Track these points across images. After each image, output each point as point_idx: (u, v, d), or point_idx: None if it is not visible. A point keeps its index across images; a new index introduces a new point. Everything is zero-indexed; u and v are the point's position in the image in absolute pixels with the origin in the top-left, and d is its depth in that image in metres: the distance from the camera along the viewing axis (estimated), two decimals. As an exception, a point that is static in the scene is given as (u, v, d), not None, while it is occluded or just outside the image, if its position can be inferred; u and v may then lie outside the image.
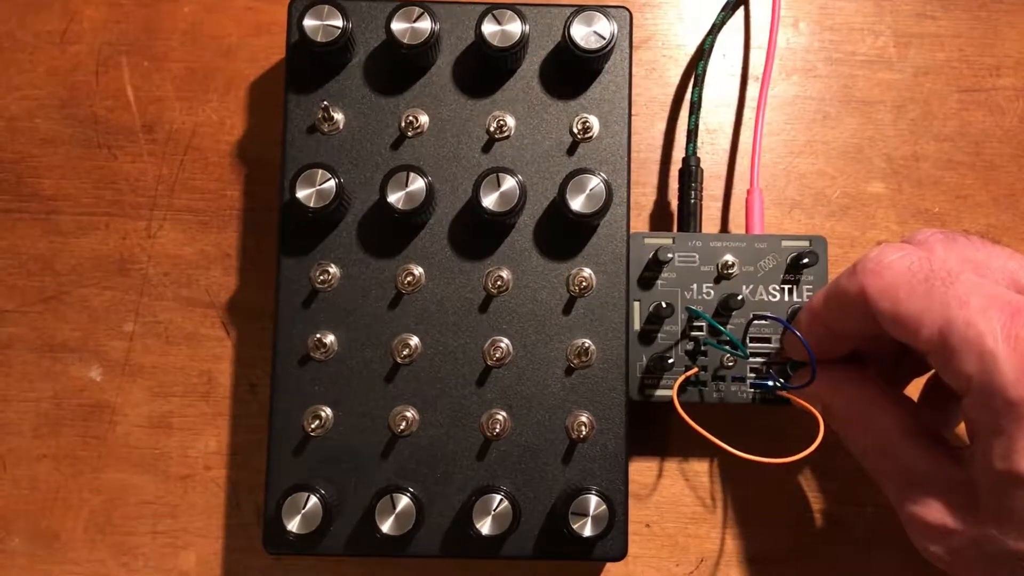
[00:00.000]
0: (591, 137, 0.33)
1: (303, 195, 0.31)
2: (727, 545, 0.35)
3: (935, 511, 0.26)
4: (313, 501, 0.30)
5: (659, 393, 0.33)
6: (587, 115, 0.33)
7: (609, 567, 0.35)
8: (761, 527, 0.35)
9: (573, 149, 0.33)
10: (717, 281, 0.33)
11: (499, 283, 0.32)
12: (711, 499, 0.35)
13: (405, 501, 0.30)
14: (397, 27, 0.31)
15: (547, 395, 0.32)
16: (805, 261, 0.32)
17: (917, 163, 0.36)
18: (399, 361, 0.32)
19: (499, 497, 0.30)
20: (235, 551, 0.35)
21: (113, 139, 0.36)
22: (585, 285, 0.32)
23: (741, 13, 0.37)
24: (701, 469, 0.35)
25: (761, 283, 0.33)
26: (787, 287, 0.33)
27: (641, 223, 0.36)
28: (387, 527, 0.30)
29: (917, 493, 0.27)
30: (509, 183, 0.31)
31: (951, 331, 0.25)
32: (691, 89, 0.35)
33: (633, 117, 0.33)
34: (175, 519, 0.35)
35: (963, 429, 0.34)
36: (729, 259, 0.32)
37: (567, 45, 0.31)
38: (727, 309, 0.32)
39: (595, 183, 0.31)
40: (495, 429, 0.31)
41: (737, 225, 0.36)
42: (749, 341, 0.32)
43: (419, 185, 0.31)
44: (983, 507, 0.25)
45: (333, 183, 0.31)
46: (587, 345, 0.32)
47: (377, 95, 0.33)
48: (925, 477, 0.27)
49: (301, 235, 0.32)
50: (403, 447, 0.32)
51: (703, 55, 0.35)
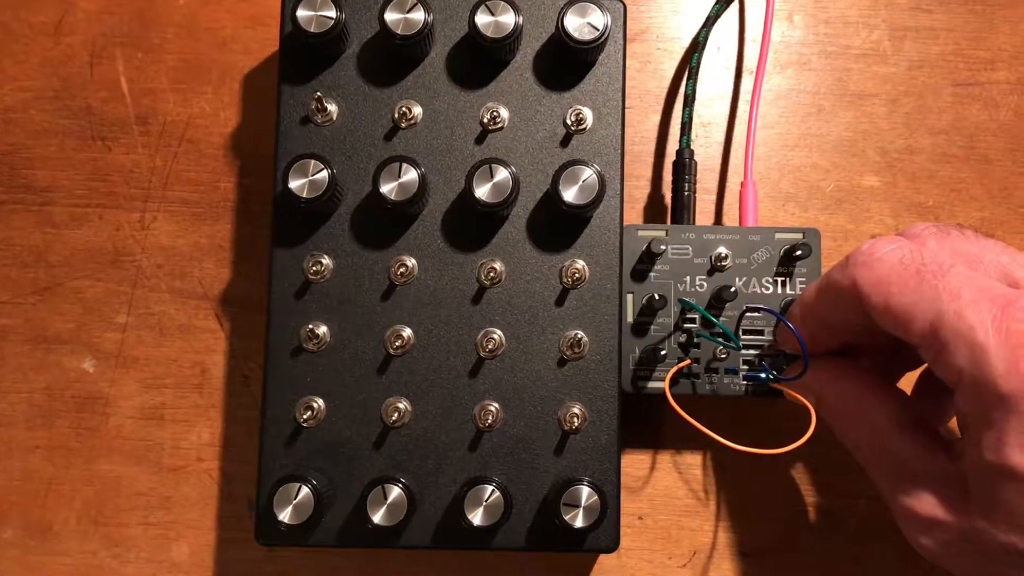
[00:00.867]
0: (585, 129, 0.33)
1: (296, 186, 0.31)
2: (720, 537, 0.35)
3: (926, 503, 0.26)
4: (305, 492, 0.30)
5: (652, 385, 0.32)
6: (581, 107, 0.33)
7: (602, 559, 0.35)
8: (754, 520, 0.35)
9: (567, 141, 0.33)
10: (710, 273, 0.33)
11: (492, 275, 0.32)
12: (704, 491, 0.35)
13: (397, 492, 0.30)
14: (391, 18, 0.31)
15: (540, 387, 0.32)
16: (798, 253, 0.32)
17: (911, 156, 0.36)
18: (392, 352, 0.32)
19: (491, 488, 0.30)
20: (227, 542, 0.35)
21: (107, 131, 0.36)
22: (578, 277, 0.32)
23: (736, 6, 0.37)
24: (694, 461, 0.35)
25: (754, 275, 0.33)
26: (780, 279, 0.33)
27: (635, 215, 0.36)
28: (379, 518, 0.30)
29: (909, 485, 0.27)
30: (502, 174, 0.31)
31: (942, 324, 0.25)
32: (685, 82, 0.35)
33: (627, 110, 0.33)
34: (167, 510, 0.35)
35: (956, 423, 0.34)
36: (722, 251, 0.32)
37: (561, 36, 0.31)
38: (720, 301, 0.32)
39: (588, 175, 0.31)
40: (487, 420, 0.31)
41: (731, 218, 0.36)
42: (742, 333, 0.32)
43: (412, 176, 0.31)
44: (973, 500, 0.25)
45: (326, 174, 0.31)
46: (580, 337, 0.32)
47: (370, 86, 0.33)
48: (917, 470, 0.27)
49: (294, 226, 0.32)
50: (395, 438, 0.32)
51: (697, 48, 0.35)
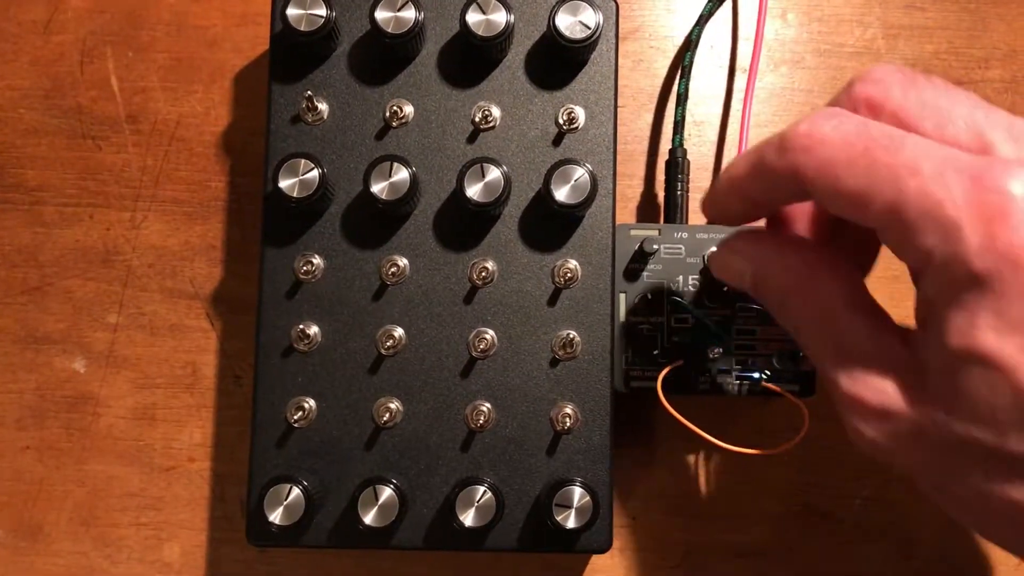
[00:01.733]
0: (577, 128, 0.32)
1: (286, 185, 0.31)
2: (713, 538, 0.35)
3: (876, 391, 0.24)
4: (295, 493, 0.30)
5: (644, 385, 0.32)
6: (573, 106, 0.32)
7: (594, 560, 0.34)
8: (748, 520, 0.35)
9: (559, 140, 0.33)
10: (703, 273, 0.33)
11: (484, 274, 0.32)
12: (697, 492, 0.35)
13: (388, 493, 0.30)
14: (381, 16, 0.31)
15: (532, 387, 0.32)
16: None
17: (905, 155, 0.36)
18: (383, 352, 0.32)
19: (483, 489, 0.30)
20: (219, 543, 0.34)
21: (97, 130, 0.36)
22: (570, 276, 0.32)
23: (729, 4, 0.37)
24: (687, 461, 0.35)
25: (747, 275, 0.32)
26: (773, 279, 0.32)
27: (627, 215, 0.36)
28: (370, 519, 0.30)
29: (857, 370, 0.24)
30: (494, 174, 0.31)
31: (905, 204, 0.22)
32: (678, 80, 0.35)
33: (620, 108, 0.33)
34: (159, 511, 0.35)
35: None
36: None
37: (552, 35, 0.31)
38: (713, 300, 0.32)
39: (580, 174, 0.31)
40: (479, 421, 0.31)
41: (724, 217, 0.36)
42: (735, 333, 0.32)
43: (403, 175, 0.31)
44: (931, 389, 0.23)
45: (316, 173, 0.31)
46: (572, 337, 0.32)
47: (361, 85, 0.33)
48: (867, 353, 0.24)
49: (285, 226, 0.32)
50: (386, 439, 0.32)
51: (690, 46, 0.35)
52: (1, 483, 0.35)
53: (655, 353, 0.32)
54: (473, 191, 0.31)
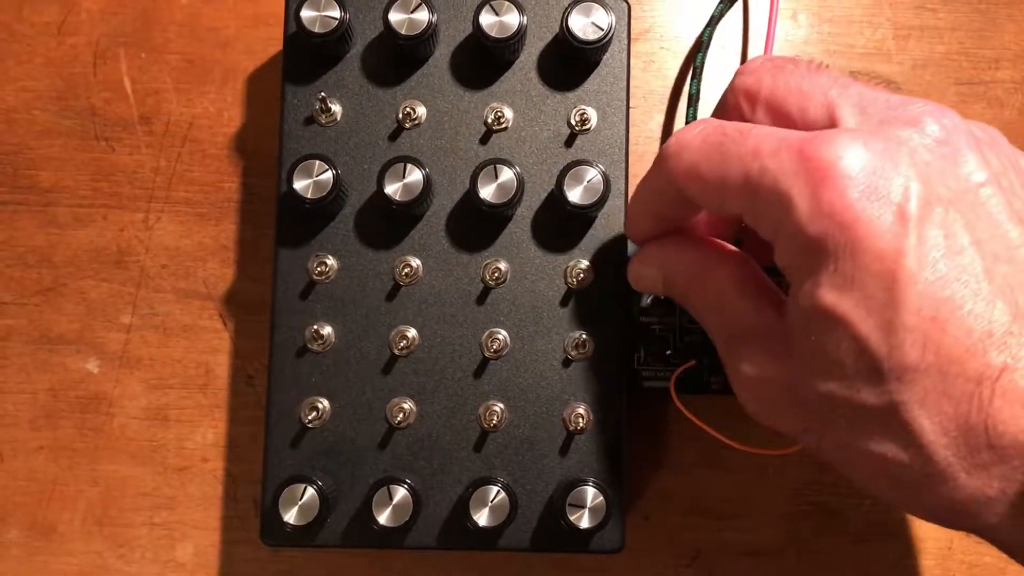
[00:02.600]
0: (589, 129, 0.33)
1: (300, 186, 0.31)
2: (725, 537, 0.35)
3: (754, 363, 0.26)
4: (310, 493, 0.30)
5: (657, 385, 0.32)
6: (585, 107, 0.33)
7: (607, 559, 0.34)
8: (759, 519, 0.35)
9: (571, 141, 0.33)
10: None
11: (497, 275, 0.32)
12: (709, 491, 0.35)
13: (402, 493, 0.30)
14: (395, 18, 0.31)
15: (545, 387, 0.32)
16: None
17: (916, 156, 0.36)
18: (396, 353, 0.32)
19: (496, 489, 0.30)
20: (232, 543, 0.35)
21: (111, 131, 0.36)
22: (583, 277, 0.32)
23: (740, 5, 0.37)
24: (699, 461, 0.35)
25: (759, 275, 0.33)
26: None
27: (639, 215, 0.36)
28: (384, 519, 0.30)
29: (740, 347, 0.26)
30: (507, 175, 0.31)
31: (750, 185, 0.24)
32: (689, 81, 0.35)
33: (631, 109, 0.33)
34: (172, 511, 0.35)
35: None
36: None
37: (565, 36, 0.31)
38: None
39: (593, 175, 0.31)
40: (492, 421, 0.31)
41: (735, 218, 0.36)
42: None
43: (416, 177, 0.31)
44: (795, 351, 0.24)
45: (330, 174, 0.31)
46: (584, 337, 0.32)
47: (374, 86, 0.33)
48: (749, 329, 0.26)
49: (298, 227, 0.32)
50: (400, 439, 0.32)
51: (702, 47, 0.35)
52: (15, 483, 0.35)
53: (668, 353, 0.32)
54: (486, 192, 0.31)
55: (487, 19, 0.31)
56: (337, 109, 0.32)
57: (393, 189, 0.31)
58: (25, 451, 0.35)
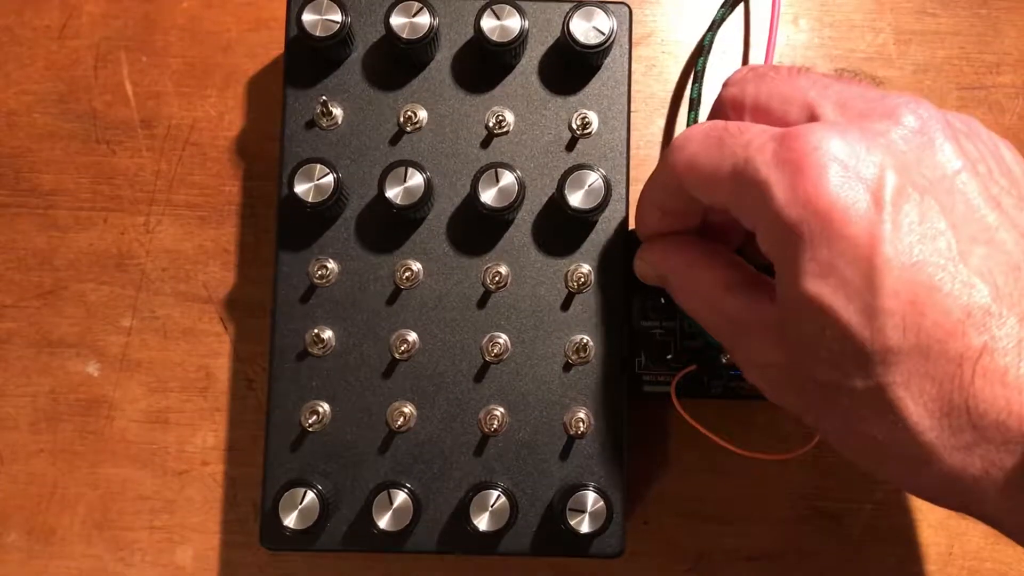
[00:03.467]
0: (590, 133, 0.33)
1: (301, 190, 0.31)
2: (725, 542, 0.35)
3: (757, 352, 0.27)
4: (310, 496, 0.30)
5: (657, 389, 0.32)
6: (586, 111, 0.33)
7: (607, 564, 0.34)
8: (759, 524, 0.35)
9: (572, 145, 0.33)
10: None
11: (497, 279, 0.32)
12: (709, 496, 0.35)
13: (402, 497, 0.30)
14: (396, 22, 0.31)
15: (545, 391, 0.32)
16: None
17: (917, 160, 0.36)
18: (397, 357, 0.32)
19: (496, 493, 0.30)
20: (232, 546, 0.34)
21: (112, 134, 0.36)
22: (584, 281, 0.32)
23: (741, 9, 0.37)
24: (700, 466, 0.35)
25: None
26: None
27: (640, 220, 0.36)
28: (384, 523, 0.30)
29: (740, 339, 0.27)
30: (508, 179, 0.31)
31: (736, 175, 0.25)
32: (690, 86, 0.35)
33: (632, 114, 0.33)
34: (172, 514, 0.35)
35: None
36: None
37: (566, 40, 0.31)
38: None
39: (594, 179, 0.31)
40: (493, 425, 0.31)
41: (736, 222, 0.36)
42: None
43: (417, 180, 0.31)
44: (788, 338, 0.25)
45: (331, 178, 0.31)
46: (585, 341, 0.32)
47: (376, 90, 0.33)
48: (748, 323, 0.27)
49: (299, 230, 0.32)
50: (400, 443, 0.32)
51: (703, 51, 0.35)
52: (15, 486, 0.35)
53: (668, 358, 0.32)
54: (487, 196, 0.31)
55: (488, 23, 0.31)
56: (338, 113, 0.32)
57: (394, 193, 0.31)
58: (25, 454, 0.35)
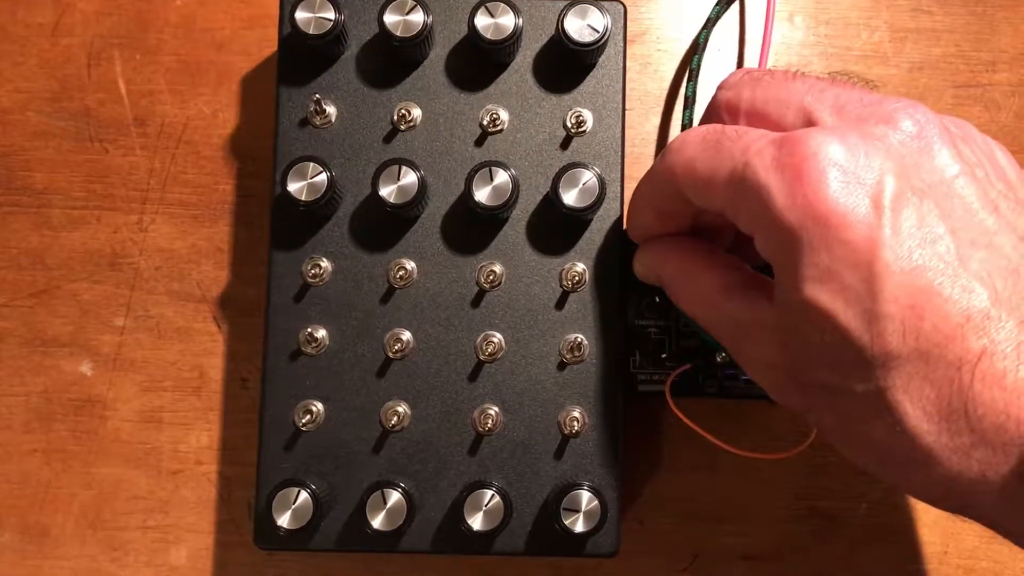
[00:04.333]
0: (585, 131, 0.32)
1: (294, 188, 0.31)
2: (721, 541, 0.35)
3: (757, 353, 0.27)
4: (304, 496, 0.30)
5: (652, 388, 0.32)
6: (581, 109, 0.32)
7: (602, 563, 0.34)
8: (755, 523, 0.35)
9: (567, 143, 0.33)
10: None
11: (492, 278, 0.32)
12: (705, 495, 0.35)
13: (396, 496, 0.30)
14: (390, 20, 0.31)
15: (540, 390, 0.32)
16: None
17: (912, 159, 0.36)
18: (391, 356, 0.32)
19: (491, 493, 0.30)
20: (226, 546, 0.34)
21: (105, 132, 0.36)
22: (578, 280, 0.32)
23: (736, 7, 0.37)
24: (695, 465, 0.35)
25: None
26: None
27: (635, 218, 0.36)
28: (378, 522, 0.30)
29: (743, 341, 0.27)
30: (502, 177, 0.31)
31: (733, 179, 0.25)
32: (686, 84, 0.34)
33: (627, 111, 0.33)
34: (166, 514, 0.35)
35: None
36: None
37: (561, 38, 0.31)
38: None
39: (588, 177, 0.31)
40: (487, 424, 0.31)
41: (731, 220, 0.36)
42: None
43: (411, 179, 0.31)
44: (789, 341, 0.25)
45: (325, 176, 0.31)
46: (580, 340, 0.32)
47: (369, 88, 0.32)
48: (747, 325, 0.27)
49: (293, 229, 0.32)
50: (394, 442, 0.31)
51: (698, 49, 0.35)
52: (8, 486, 0.35)
53: (663, 356, 0.32)
54: (481, 195, 0.31)
55: (482, 21, 0.31)
56: (332, 111, 0.32)
57: (388, 191, 0.31)
58: (18, 454, 0.35)
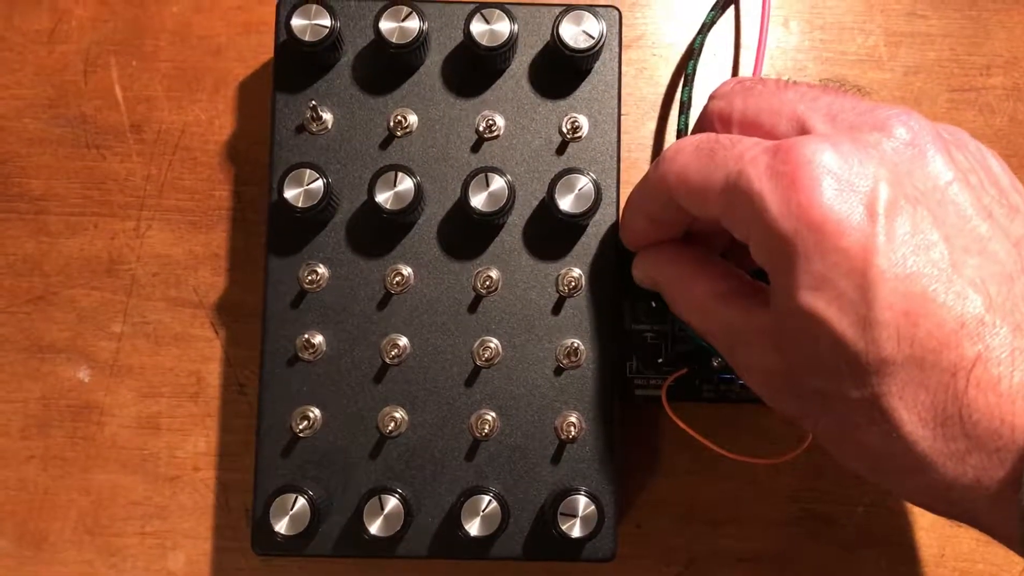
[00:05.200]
0: (580, 137, 0.32)
1: (291, 195, 0.31)
2: (717, 544, 0.35)
3: (753, 358, 0.27)
4: (301, 502, 0.30)
5: (649, 393, 0.32)
6: (576, 115, 0.33)
7: (599, 568, 0.34)
8: (752, 527, 0.35)
9: (562, 149, 0.33)
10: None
11: (488, 283, 0.32)
12: (701, 499, 0.35)
13: (393, 502, 0.30)
14: (385, 26, 0.31)
15: (536, 395, 0.32)
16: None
17: (907, 163, 0.36)
18: (388, 361, 0.32)
19: (488, 498, 0.30)
20: (224, 552, 0.34)
21: (102, 139, 0.36)
22: (574, 285, 0.32)
23: (731, 12, 0.37)
24: (691, 469, 0.35)
25: (751, 283, 0.33)
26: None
27: (631, 223, 0.36)
28: (375, 528, 0.30)
29: (739, 347, 0.27)
30: (498, 183, 0.31)
31: (728, 187, 0.25)
32: (681, 89, 0.35)
33: (623, 117, 0.33)
34: (164, 520, 0.35)
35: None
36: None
37: (556, 45, 0.31)
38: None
39: (584, 183, 0.31)
40: (484, 430, 0.31)
41: (727, 225, 0.36)
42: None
43: (408, 185, 0.31)
44: (784, 347, 0.25)
45: (321, 183, 0.31)
46: (576, 345, 0.32)
47: (366, 95, 0.33)
48: (743, 332, 0.27)
49: (289, 235, 0.32)
50: (392, 448, 0.32)
51: (693, 54, 0.35)
52: (6, 492, 0.35)
53: (659, 361, 0.32)
54: (477, 200, 0.31)
55: (478, 27, 0.31)
56: (328, 117, 0.32)
57: (384, 198, 0.31)
58: (16, 460, 0.35)
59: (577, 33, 0.31)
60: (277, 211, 0.32)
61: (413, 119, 0.32)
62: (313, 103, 0.32)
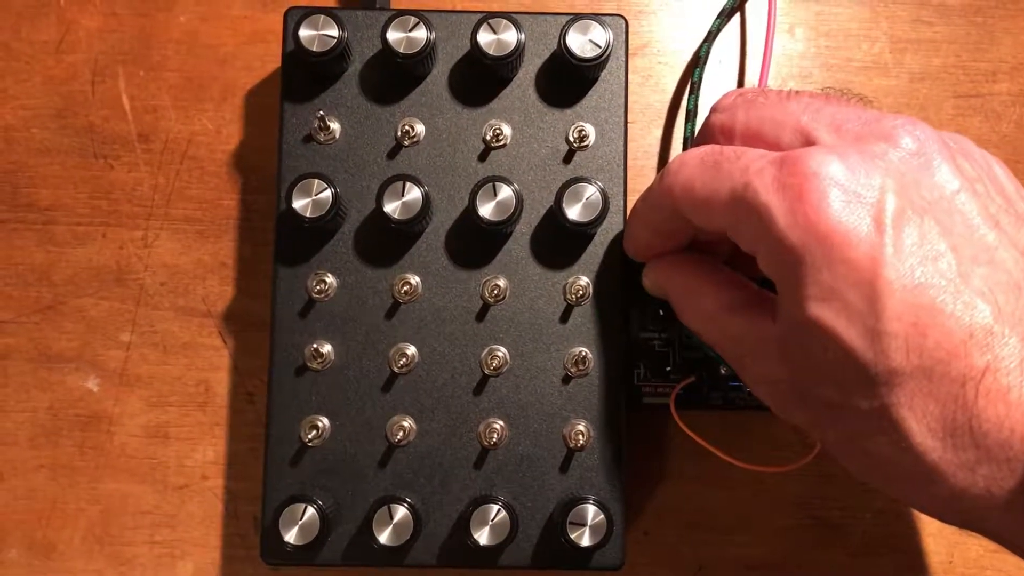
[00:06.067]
0: (587, 145, 0.33)
1: (299, 205, 0.31)
2: (726, 552, 0.35)
3: (761, 369, 0.27)
4: (310, 512, 0.30)
5: (657, 401, 0.32)
6: (583, 123, 0.33)
7: None
8: (759, 534, 0.35)
9: (569, 157, 0.33)
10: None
11: (496, 292, 0.32)
12: (709, 506, 0.35)
13: (402, 511, 0.30)
14: (393, 36, 0.31)
15: (544, 404, 0.32)
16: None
17: (914, 169, 0.36)
18: (396, 371, 0.32)
19: (497, 507, 0.30)
20: (233, 561, 0.34)
21: (109, 149, 0.36)
22: (582, 293, 0.32)
23: (737, 20, 0.37)
24: (699, 477, 0.35)
25: (758, 291, 0.33)
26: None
27: (638, 230, 0.36)
28: (384, 537, 0.30)
29: (747, 358, 0.27)
30: (505, 192, 0.31)
31: (734, 199, 0.25)
32: (687, 96, 0.35)
33: (629, 125, 0.33)
34: (172, 529, 0.35)
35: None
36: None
37: (563, 54, 0.31)
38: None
39: (591, 191, 0.31)
40: (492, 438, 0.31)
41: (734, 232, 0.36)
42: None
43: (415, 195, 0.31)
44: (792, 357, 0.25)
45: (329, 193, 0.31)
46: (584, 354, 0.32)
47: (373, 104, 0.33)
48: (751, 342, 0.27)
49: (297, 245, 0.32)
50: (400, 457, 0.32)
51: (699, 62, 0.35)
52: (15, 501, 0.35)
53: (668, 369, 0.32)
54: (485, 210, 0.31)
55: (485, 37, 0.31)
56: (336, 127, 0.32)
57: (392, 207, 0.31)
58: (25, 470, 0.35)
59: (584, 42, 0.31)
60: (285, 221, 0.32)
61: (420, 129, 0.32)
62: (321, 113, 0.32)
